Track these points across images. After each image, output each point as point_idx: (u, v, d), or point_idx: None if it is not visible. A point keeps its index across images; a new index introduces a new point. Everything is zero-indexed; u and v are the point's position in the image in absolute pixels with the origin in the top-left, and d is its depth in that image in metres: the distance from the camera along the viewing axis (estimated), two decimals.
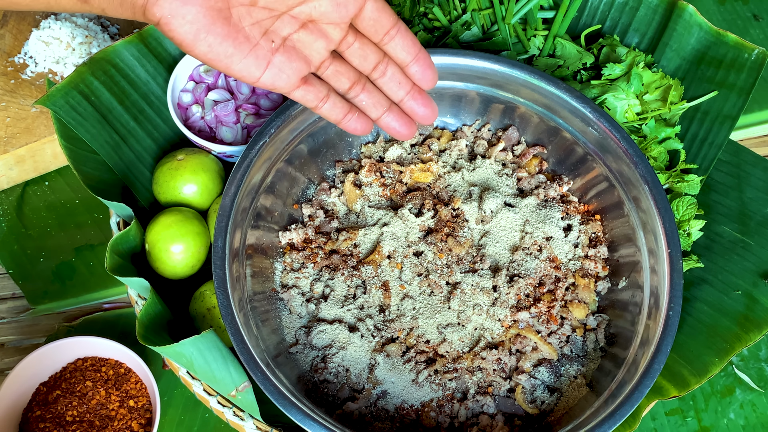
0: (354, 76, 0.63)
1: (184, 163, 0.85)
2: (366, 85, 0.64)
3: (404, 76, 0.65)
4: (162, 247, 0.82)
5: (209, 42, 0.56)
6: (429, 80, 0.65)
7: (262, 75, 0.59)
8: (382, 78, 0.64)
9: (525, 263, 0.80)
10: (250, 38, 0.57)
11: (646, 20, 0.92)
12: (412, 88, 0.66)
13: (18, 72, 0.98)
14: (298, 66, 0.60)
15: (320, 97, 0.63)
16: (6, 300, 0.93)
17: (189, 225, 0.82)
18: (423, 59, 0.64)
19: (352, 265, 0.80)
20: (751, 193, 0.87)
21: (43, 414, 0.81)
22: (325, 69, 0.62)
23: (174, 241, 0.81)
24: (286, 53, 0.59)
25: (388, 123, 0.66)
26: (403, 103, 0.66)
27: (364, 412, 0.75)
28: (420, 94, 0.66)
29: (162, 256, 0.82)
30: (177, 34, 0.55)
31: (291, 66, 0.60)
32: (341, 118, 0.65)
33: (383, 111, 0.66)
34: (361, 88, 0.64)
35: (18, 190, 0.97)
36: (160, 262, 0.82)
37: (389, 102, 0.66)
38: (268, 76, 0.59)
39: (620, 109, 0.86)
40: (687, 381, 0.77)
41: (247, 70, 0.58)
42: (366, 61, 0.63)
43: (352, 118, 0.65)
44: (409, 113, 0.67)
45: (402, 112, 0.67)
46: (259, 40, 0.58)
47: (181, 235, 0.82)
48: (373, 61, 0.63)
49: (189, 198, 0.85)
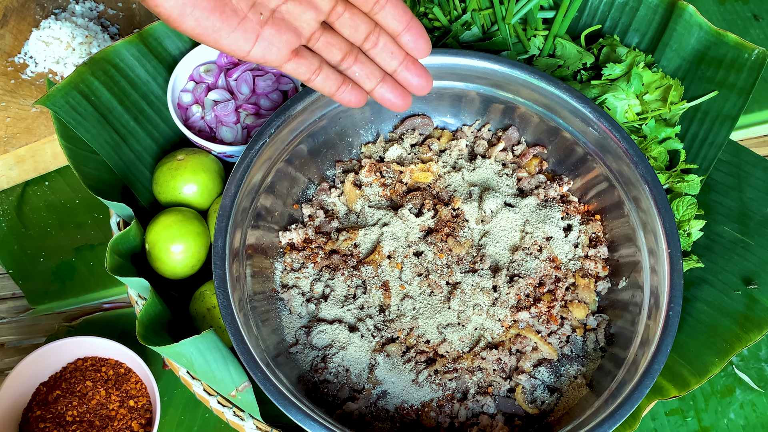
0: (346, 48, 0.63)
1: (184, 163, 0.85)
2: (358, 56, 0.63)
3: (397, 46, 0.64)
4: (162, 247, 0.82)
5: (196, 16, 0.55)
6: (422, 49, 0.64)
7: (251, 49, 0.59)
8: (374, 48, 0.63)
9: (525, 263, 0.80)
10: (238, 11, 0.57)
11: (646, 20, 0.92)
12: (405, 58, 0.64)
13: (18, 72, 0.98)
14: (288, 38, 0.59)
15: (312, 69, 0.62)
16: (6, 300, 0.93)
17: (189, 225, 0.82)
18: (415, 28, 0.63)
19: (352, 265, 0.80)
20: (751, 193, 0.87)
21: (43, 414, 0.81)
22: (316, 41, 0.61)
23: (174, 241, 0.81)
24: (275, 26, 0.59)
25: (382, 94, 0.65)
26: (396, 73, 0.65)
27: (364, 412, 0.75)
28: (414, 64, 0.65)
29: (162, 256, 0.82)
30: (163, 9, 0.54)
31: (281, 38, 0.59)
32: (335, 91, 0.64)
33: (377, 82, 0.65)
34: (354, 60, 0.63)
35: (18, 190, 0.97)
36: (160, 262, 0.82)
37: (383, 73, 0.65)
38: (258, 50, 0.59)
39: (620, 109, 0.86)
40: (687, 381, 0.77)
41: (236, 44, 0.58)
42: (357, 31, 0.62)
43: (345, 90, 0.64)
44: (403, 84, 0.66)
45: (396, 82, 0.66)
46: (247, 13, 0.57)
47: (181, 235, 0.82)
48: (364, 31, 0.62)
49: (189, 198, 0.85)
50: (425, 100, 0.86)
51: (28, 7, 1.02)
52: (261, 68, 0.91)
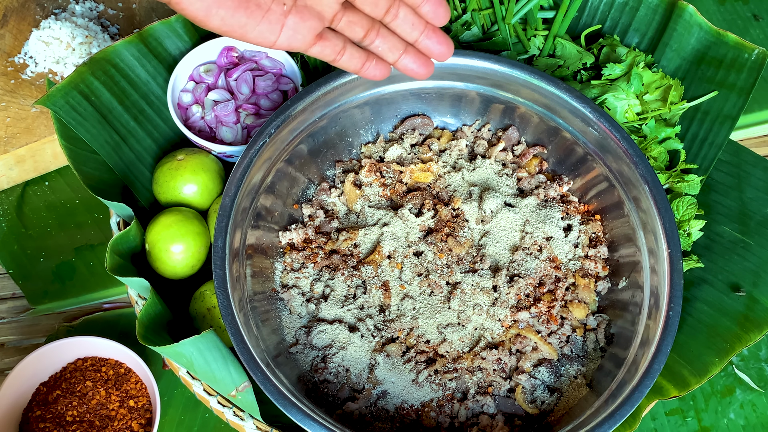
0: (367, 24, 0.64)
1: (184, 163, 0.85)
2: (380, 30, 0.65)
3: (417, 17, 0.65)
4: (162, 247, 0.82)
5: (221, 15, 0.57)
6: (442, 17, 0.66)
7: (277, 39, 0.60)
8: (395, 21, 0.65)
9: (525, 263, 0.80)
10: (261, 4, 0.58)
11: (646, 20, 0.92)
12: (426, 27, 0.66)
13: (18, 72, 0.98)
14: (312, 24, 0.61)
15: (337, 50, 0.64)
16: (6, 300, 0.93)
17: (189, 225, 0.82)
18: None
19: (352, 265, 0.80)
20: (751, 193, 0.87)
21: (43, 414, 0.81)
22: (339, 21, 0.63)
23: (174, 241, 0.81)
24: (299, 13, 0.60)
25: (405, 65, 0.67)
26: (418, 43, 0.67)
27: (364, 412, 0.75)
28: (434, 32, 0.67)
29: (162, 256, 0.82)
30: (189, 11, 0.56)
31: (305, 25, 0.61)
32: (360, 67, 0.66)
33: (399, 54, 0.66)
34: (376, 34, 0.65)
35: (18, 190, 0.97)
36: (160, 262, 0.82)
37: (405, 44, 0.66)
38: (284, 39, 0.60)
39: (620, 109, 0.86)
40: (687, 381, 0.77)
41: (262, 37, 0.60)
42: (377, 6, 0.63)
43: (370, 65, 0.66)
44: (425, 52, 0.67)
45: (418, 52, 0.67)
46: (271, 5, 0.59)
47: (181, 235, 0.82)
48: (384, 5, 0.63)
49: (189, 198, 0.85)
50: (425, 100, 0.86)
51: (28, 7, 1.02)
52: (261, 68, 0.91)
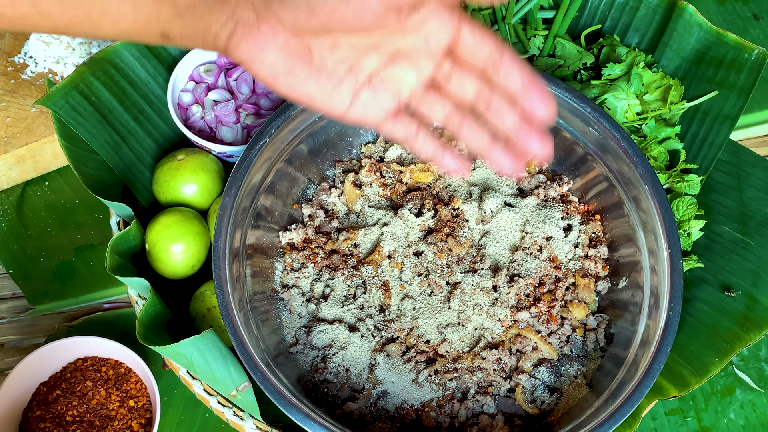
0: (451, 108, 0.57)
1: (184, 163, 0.85)
2: (465, 117, 0.57)
3: (512, 107, 0.56)
4: (162, 247, 0.82)
5: (290, 83, 0.54)
6: (544, 111, 0.55)
7: (348, 111, 0.56)
8: (488, 109, 0.57)
9: (525, 263, 0.80)
10: (333, 77, 0.55)
11: (646, 20, 0.92)
12: (522, 120, 0.56)
13: (18, 72, 0.98)
14: (384, 101, 0.56)
15: (411, 131, 0.58)
16: (6, 300, 0.93)
17: (189, 225, 0.82)
18: (535, 88, 0.55)
19: (352, 265, 0.80)
20: (751, 193, 0.87)
21: (43, 414, 0.81)
22: (418, 103, 0.57)
23: (174, 241, 0.81)
24: (372, 89, 0.56)
25: (492, 158, 0.58)
26: (512, 135, 0.57)
27: (364, 412, 0.75)
28: (532, 125, 0.56)
29: (162, 256, 0.82)
30: (258, 75, 0.54)
31: (377, 101, 0.56)
32: (436, 155, 0.58)
33: (486, 145, 0.57)
34: (461, 121, 0.57)
35: (18, 190, 0.97)
36: (160, 262, 0.82)
37: (493, 135, 0.58)
38: (354, 112, 0.56)
39: (620, 109, 0.86)
40: (687, 381, 0.77)
41: (332, 108, 0.56)
42: (465, 90, 0.56)
43: (448, 154, 0.58)
44: (519, 146, 0.57)
45: (510, 146, 0.58)
46: (344, 78, 0.55)
47: (181, 234, 0.82)
48: (472, 90, 0.56)
49: (189, 198, 0.85)
50: None
51: None
52: None
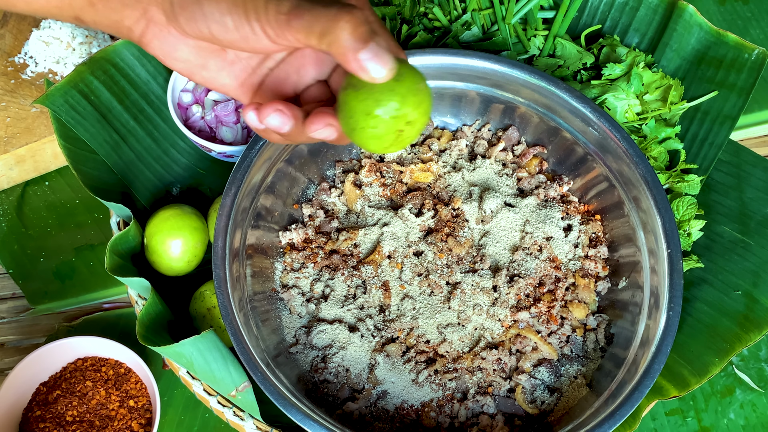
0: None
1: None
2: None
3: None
4: (159, 240, 0.81)
5: (205, 76, 0.56)
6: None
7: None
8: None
9: (525, 263, 0.80)
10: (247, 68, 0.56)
11: (646, 20, 0.92)
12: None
13: (18, 72, 0.98)
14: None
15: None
16: (6, 300, 0.93)
17: (187, 219, 0.83)
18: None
19: (352, 265, 0.80)
20: (751, 193, 0.87)
21: (43, 414, 0.81)
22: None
23: (171, 235, 0.81)
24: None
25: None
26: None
27: (364, 412, 0.75)
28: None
29: (159, 249, 0.82)
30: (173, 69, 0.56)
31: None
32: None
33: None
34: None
35: (18, 190, 0.97)
36: (157, 256, 0.82)
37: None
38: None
39: (620, 109, 0.86)
40: (687, 381, 0.77)
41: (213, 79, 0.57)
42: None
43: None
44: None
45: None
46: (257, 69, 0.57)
47: (178, 227, 0.82)
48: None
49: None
50: None
51: None
52: None
